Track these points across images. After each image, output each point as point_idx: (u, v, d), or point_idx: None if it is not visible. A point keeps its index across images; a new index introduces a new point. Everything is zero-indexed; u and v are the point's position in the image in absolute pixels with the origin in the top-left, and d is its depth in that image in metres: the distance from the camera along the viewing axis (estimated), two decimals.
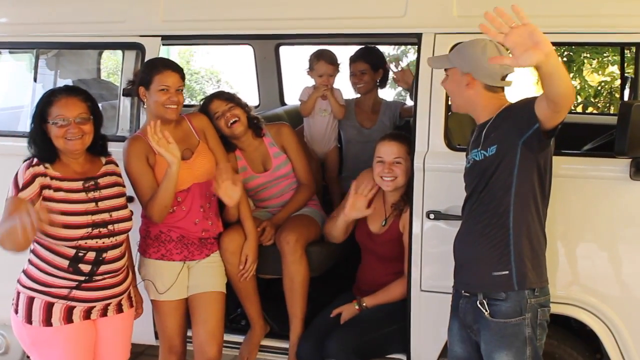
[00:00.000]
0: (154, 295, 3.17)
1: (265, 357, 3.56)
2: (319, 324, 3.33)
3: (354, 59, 4.15)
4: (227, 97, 3.48)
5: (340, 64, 4.10)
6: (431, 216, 3.01)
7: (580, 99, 7.15)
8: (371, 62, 4.14)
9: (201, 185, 3.14)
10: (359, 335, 3.14)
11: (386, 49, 7.75)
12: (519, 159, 2.42)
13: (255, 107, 4.23)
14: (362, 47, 4.24)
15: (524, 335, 2.46)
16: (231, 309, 3.62)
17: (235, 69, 10.35)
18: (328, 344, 3.12)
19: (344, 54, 4.21)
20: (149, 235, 3.15)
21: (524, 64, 2.03)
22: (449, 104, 3.00)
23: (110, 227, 2.72)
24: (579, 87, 7.22)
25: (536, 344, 2.49)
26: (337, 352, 3.08)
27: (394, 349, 3.23)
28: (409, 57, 8.15)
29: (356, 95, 4.28)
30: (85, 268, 2.68)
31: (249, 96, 3.64)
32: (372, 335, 3.16)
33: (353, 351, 3.09)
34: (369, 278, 3.37)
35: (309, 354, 3.24)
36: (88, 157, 2.79)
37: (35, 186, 2.62)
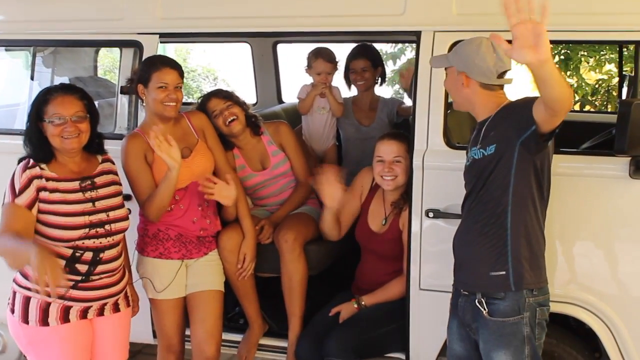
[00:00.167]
0: (152, 293, 3.15)
1: (263, 356, 3.56)
2: (317, 322, 3.33)
3: (354, 56, 4.13)
4: (225, 95, 3.46)
5: (338, 62, 4.09)
6: (430, 214, 3.01)
7: (577, 97, 7.15)
8: (372, 59, 4.14)
9: (199, 184, 3.12)
10: (357, 334, 3.14)
11: (383, 46, 7.76)
12: (516, 159, 2.41)
13: (253, 105, 4.21)
14: (360, 44, 4.23)
15: (522, 335, 2.46)
16: (229, 308, 3.61)
17: (231, 66, 10.33)
18: (327, 342, 3.12)
19: (341, 51, 4.19)
20: (147, 233, 3.14)
21: (517, 58, 2.01)
22: (448, 102, 3.00)
23: (108, 227, 2.71)
24: (576, 85, 7.21)
25: (535, 343, 2.49)
26: (336, 351, 3.08)
27: (393, 348, 3.23)
28: (407, 55, 8.13)
29: (353, 93, 4.27)
30: (82, 268, 2.67)
31: (246, 94, 3.62)
32: (371, 334, 3.16)
33: (352, 350, 3.09)
34: (368, 277, 3.36)
35: (308, 352, 3.24)
36: (84, 156, 2.77)
37: (31, 190, 2.60)
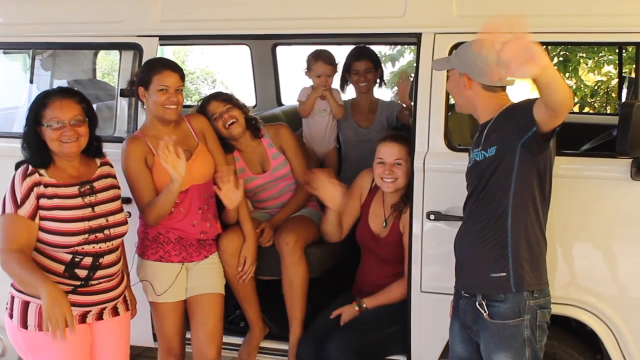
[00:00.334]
0: (152, 296, 3.14)
1: (264, 359, 3.54)
2: (318, 325, 3.32)
3: (356, 57, 4.10)
4: (225, 98, 3.46)
5: (338, 64, 4.08)
6: (431, 217, 3.01)
7: (576, 98, 7.15)
8: (374, 60, 4.13)
9: (200, 187, 3.12)
10: (359, 337, 3.13)
11: (381, 48, 7.75)
12: (518, 161, 2.40)
13: (252, 108, 4.20)
14: (360, 46, 4.22)
15: (522, 337, 2.45)
16: (230, 311, 3.60)
17: (230, 69, 10.33)
18: (328, 345, 3.11)
19: (340, 54, 4.18)
20: (147, 236, 3.13)
21: (522, 76, 2.01)
22: (449, 104, 3.00)
23: (107, 231, 2.70)
24: (574, 87, 7.21)
25: (535, 345, 2.48)
26: (337, 354, 3.07)
27: (394, 351, 3.23)
28: (405, 57, 8.12)
29: (350, 96, 4.26)
30: (82, 273, 2.66)
31: (245, 96, 3.62)
32: (372, 336, 3.15)
33: (353, 353, 3.08)
34: (369, 279, 3.36)
35: (309, 355, 3.23)
36: (83, 160, 2.75)
37: (32, 200, 2.57)
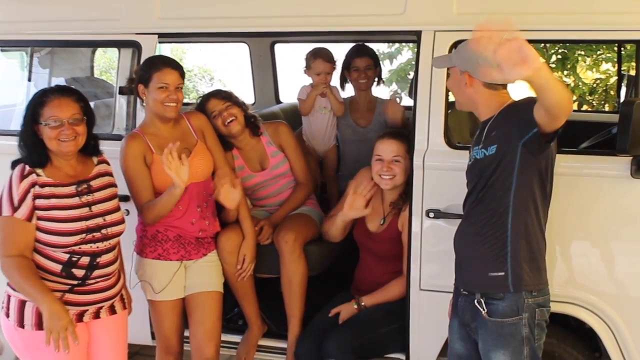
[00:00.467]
0: (151, 295, 3.14)
1: (263, 357, 3.54)
2: (317, 323, 3.31)
3: (357, 54, 4.06)
4: (224, 95, 3.45)
5: (336, 61, 4.07)
6: (431, 215, 3.00)
7: (574, 96, 7.15)
8: (374, 57, 4.12)
9: (198, 185, 3.11)
10: (357, 335, 3.13)
11: (379, 46, 7.74)
12: (518, 161, 2.39)
13: (251, 105, 4.19)
14: (359, 43, 4.21)
15: (521, 335, 2.45)
16: (228, 309, 3.60)
17: (228, 66, 10.32)
18: (327, 343, 3.11)
19: (338, 51, 4.17)
20: (145, 234, 3.12)
21: (514, 78, 1.98)
22: (449, 101, 3.00)
23: (104, 231, 2.69)
24: (573, 84, 7.22)
25: (534, 344, 2.47)
26: (336, 352, 3.07)
27: (393, 349, 3.22)
28: (403, 54, 8.12)
29: (348, 94, 4.25)
30: (79, 273, 2.65)
31: (244, 94, 3.62)
32: (371, 334, 3.15)
33: (352, 351, 3.07)
34: (368, 277, 3.35)
35: (308, 353, 3.23)
36: (80, 159, 2.74)
37: (28, 202, 2.56)
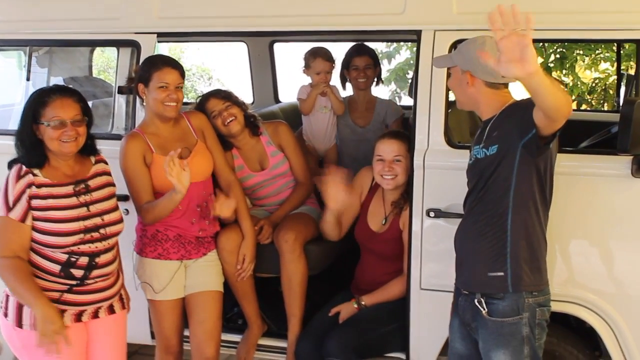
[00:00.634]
0: (151, 294, 3.14)
1: (263, 357, 3.54)
2: (317, 322, 3.31)
3: (357, 53, 4.07)
4: (224, 95, 3.44)
5: (335, 61, 4.07)
6: (431, 214, 3.00)
7: (573, 96, 7.15)
8: (373, 57, 4.11)
9: (198, 185, 3.10)
10: (358, 334, 3.12)
11: (378, 45, 7.75)
12: (518, 161, 2.39)
13: (250, 105, 4.19)
14: (358, 42, 4.20)
15: (521, 335, 2.45)
16: (228, 308, 3.59)
17: (226, 66, 10.31)
18: (327, 343, 3.11)
19: (337, 51, 4.17)
20: (145, 234, 3.12)
21: (505, 73, 1.98)
22: (449, 101, 2.99)
23: (102, 231, 2.68)
24: (571, 84, 7.23)
25: (534, 343, 2.47)
26: (336, 351, 3.07)
27: (394, 348, 3.22)
28: (402, 54, 8.13)
29: (348, 93, 4.24)
30: (78, 273, 2.64)
31: (243, 94, 3.62)
32: (371, 334, 3.15)
33: (352, 350, 3.07)
34: (368, 277, 3.35)
35: (308, 353, 3.22)
36: (77, 158, 2.72)
37: (23, 202, 2.55)
